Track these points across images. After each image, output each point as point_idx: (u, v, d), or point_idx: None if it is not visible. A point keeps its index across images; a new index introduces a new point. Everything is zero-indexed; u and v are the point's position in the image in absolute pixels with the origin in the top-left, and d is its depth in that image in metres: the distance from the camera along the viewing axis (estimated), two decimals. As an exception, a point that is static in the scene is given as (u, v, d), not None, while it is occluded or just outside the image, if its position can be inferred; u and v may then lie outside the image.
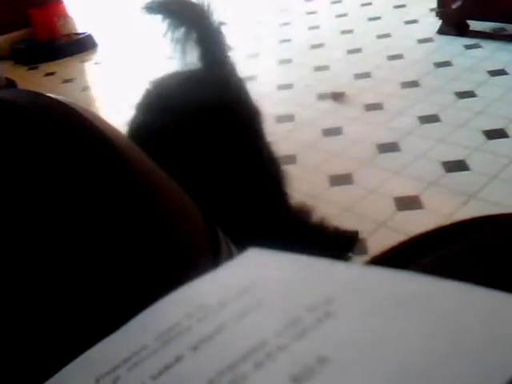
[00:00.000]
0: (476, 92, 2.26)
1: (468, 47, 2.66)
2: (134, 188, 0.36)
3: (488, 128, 2.00)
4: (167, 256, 0.35)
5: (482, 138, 1.96)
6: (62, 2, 3.71)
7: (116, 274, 0.32)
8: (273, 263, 0.22)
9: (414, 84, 2.43)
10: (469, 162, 1.85)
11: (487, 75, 2.38)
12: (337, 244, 0.96)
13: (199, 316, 0.19)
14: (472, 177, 1.78)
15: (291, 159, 2.02)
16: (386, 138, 2.07)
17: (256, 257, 0.23)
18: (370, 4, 3.50)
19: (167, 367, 0.17)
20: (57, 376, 0.20)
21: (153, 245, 0.34)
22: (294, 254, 0.22)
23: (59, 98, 0.40)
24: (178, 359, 0.18)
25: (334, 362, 0.15)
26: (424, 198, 1.72)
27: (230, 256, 0.41)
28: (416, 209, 1.68)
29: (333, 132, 2.18)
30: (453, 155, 1.90)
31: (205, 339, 0.18)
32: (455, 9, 2.67)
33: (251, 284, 0.20)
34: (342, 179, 1.88)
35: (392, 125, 2.16)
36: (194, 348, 0.18)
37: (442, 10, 2.75)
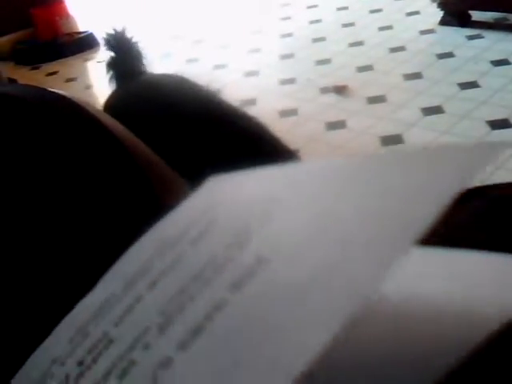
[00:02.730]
0: (479, 82, 2.26)
1: (470, 38, 2.65)
2: (139, 182, 0.36)
3: (492, 118, 2.00)
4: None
5: (486, 128, 1.96)
6: (63, 2, 3.71)
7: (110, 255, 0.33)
8: (227, 185, 0.23)
9: (416, 76, 2.43)
10: (473, 152, 1.84)
11: (490, 65, 2.37)
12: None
13: (159, 254, 0.19)
14: (476, 167, 1.77)
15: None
16: (390, 131, 2.07)
17: (215, 183, 0.23)
18: (371, -4, 3.49)
19: (127, 311, 0.18)
20: (40, 346, 0.20)
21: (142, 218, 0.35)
22: (251, 171, 0.22)
23: (62, 92, 0.40)
24: (138, 300, 0.18)
25: (271, 259, 0.15)
26: (429, 190, 1.71)
27: None
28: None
29: (336, 125, 2.18)
30: (457, 146, 1.89)
31: (161, 274, 0.18)
32: (457, -1, 2.66)
33: (205, 209, 0.21)
34: (346, 172, 1.88)
35: (395, 117, 2.16)
36: (152, 285, 0.18)
37: (444, 0, 2.74)
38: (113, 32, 1.22)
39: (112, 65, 1.23)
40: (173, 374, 0.14)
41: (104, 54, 3.58)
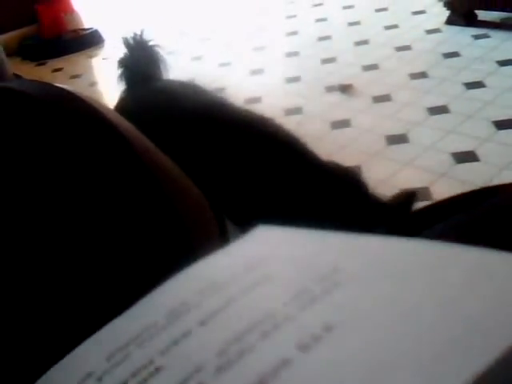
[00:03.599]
0: (485, 82, 2.25)
1: (476, 37, 2.64)
2: (143, 178, 0.36)
3: (498, 118, 1.99)
4: (174, 245, 0.35)
5: (492, 128, 1.95)
6: (68, -2, 3.71)
7: (122, 260, 0.33)
8: (281, 239, 0.23)
9: (422, 75, 2.42)
10: (479, 152, 1.84)
11: (496, 65, 2.36)
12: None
13: (208, 292, 0.19)
14: (482, 168, 1.77)
15: (299, 152, 2.02)
16: (395, 130, 2.06)
17: (265, 233, 0.23)
18: (377, -5, 3.48)
19: (175, 342, 0.18)
20: (70, 355, 0.20)
21: (160, 232, 0.34)
22: (303, 229, 0.22)
23: (68, 88, 0.40)
24: (186, 334, 0.18)
25: (340, 328, 0.15)
26: (434, 190, 1.71)
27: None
28: (425, 200, 1.68)
29: (341, 124, 2.17)
30: (462, 146, 1.89)
31: (213, 314, 0.18)
32: (463, -1, 2.65)
33: (260, 259, 0.21)
34: (350, 171, 1.87)
35: (400, 116, 2.15)
36: (202, 323, 0.18)
37: (450, 0, 2.73)
38: (133, 34, 1.22)
39: (124, 63, 1.23)
40: None
41: (109, 51, 3.56)
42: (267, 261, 0.20)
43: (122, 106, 1.13)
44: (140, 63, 1.20)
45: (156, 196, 0.36)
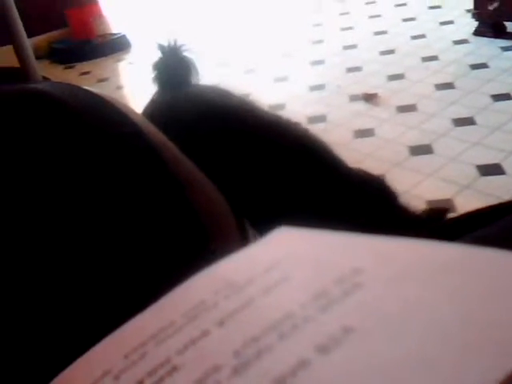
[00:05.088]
0: (512, 94, 2.22)
1: (505, 49, 2.61)
2: (167, 182, 0.36)
3: (525, 131, 1.96)
4: (194, 247, 0.35)
5: (519, 141, 1.92)
6: (97, 3, 3.77)
7: (143, 261, 0.33)
8: (301, 240, 0.22)
9: (448, 86, 2.40)
10: (504, 165, 1.81)
11: (524, 77, 2.33)
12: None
13: (226, 293, 0.19)
14: (507, 181, 1.74)
15: (322, 160, 2.01)
16: (419, 140, 2.04)
17: (285, 235, 0.23)
18: (404, 5, 3.46)
19: (193, 341, 0.18)
20: (87, 354, 0.20)
21: (180, 234, 0.35)
22: (324, 231, 0.22)
23: (96, 91, 0.40)
24: (204, 334, 0.18)
25: (360, 331, 0.15)
26: (457, 202, 1.69)
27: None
28: (449, 212, 1.66)
29: (365, 133, 2.16)
30: (488, 158, 1.86)
31: (231, 314, 0.18)
32: (492, 10, 2.62)
33: (279, 260, 0.20)
34: (373, 181, 1.86)
35: (425, 127, 2.13)
36: (220, 323, 0.18)
37: (479, 11, 2.71)
38: (168, 41, 1.24)
39: (158, 67, 1.24)
40: None
41: (135, 56, 3.59)
42: (286, 262, 0.20)
43: (153, 108, 1.15)
44: (173, 68, 1.22)
45: (178, 199, 0.36)
